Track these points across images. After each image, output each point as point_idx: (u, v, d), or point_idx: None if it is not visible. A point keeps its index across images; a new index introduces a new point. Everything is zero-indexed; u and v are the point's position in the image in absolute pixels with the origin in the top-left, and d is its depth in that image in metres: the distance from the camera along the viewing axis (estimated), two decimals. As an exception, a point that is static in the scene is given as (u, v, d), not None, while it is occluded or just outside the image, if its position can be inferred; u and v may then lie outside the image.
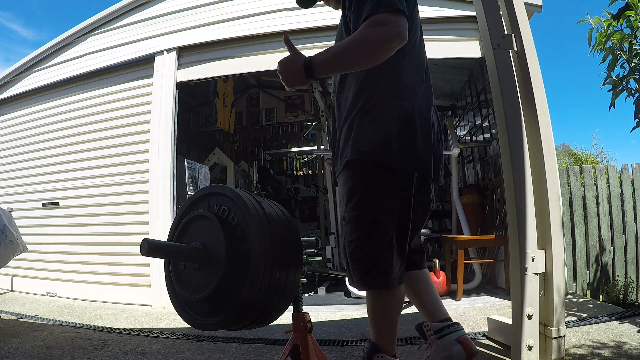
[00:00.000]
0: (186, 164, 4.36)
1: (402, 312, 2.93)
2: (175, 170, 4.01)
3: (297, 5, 1.77)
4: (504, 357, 2.00)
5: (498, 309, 3.04)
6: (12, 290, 4.80)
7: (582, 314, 2.65)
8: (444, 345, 1.51)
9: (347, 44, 1.26)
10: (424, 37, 1.58)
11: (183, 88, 4.23)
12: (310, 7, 1.74)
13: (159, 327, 3.01)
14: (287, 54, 1.39)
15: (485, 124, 4.86)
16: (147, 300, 3.82)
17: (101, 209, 4.29)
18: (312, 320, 1.65)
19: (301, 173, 8.34)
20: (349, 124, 1.45)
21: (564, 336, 1.83)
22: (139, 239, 1.34)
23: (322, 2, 1.71)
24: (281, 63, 1.33)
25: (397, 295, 1.47)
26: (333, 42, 1.76)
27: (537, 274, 1.80)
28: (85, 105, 4.57)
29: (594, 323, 2.44)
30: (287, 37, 1.39)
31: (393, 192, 1.41)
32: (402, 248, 1.48)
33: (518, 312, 1.77)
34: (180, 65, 4.17)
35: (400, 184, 1.41)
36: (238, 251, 1.34)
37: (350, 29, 1.37)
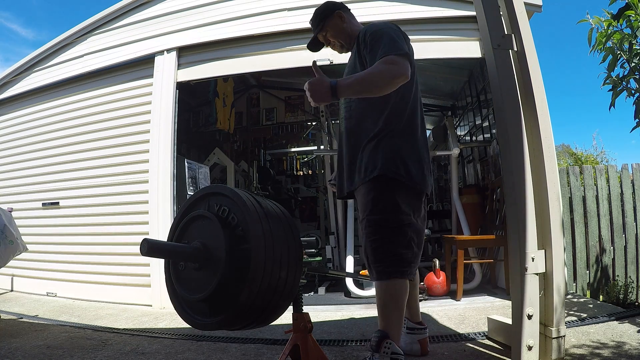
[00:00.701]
0: (186, 164, 4.35)
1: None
2: (175, 170, 4.01)
3: (297, 5, 1.92)
4: (504, 357, 2.00)
5: (498, 309, 3.04)
6: (12, 290, 4.80)
7: (582, 314, 2.65)
8: (409, 340, 2.05)
9: (366, 74, 1.58)
10: (425, 37, 1.76)
11: (183, 88, 4.23)
12: (317, 51, 2.09)
13: (159, 327, 3.01)
14: (288, 54, 1.54)
15: (485, 124, 4.86)
16: (147, 300, 3.81)
17: (101, 209, 4.28)
18: (312, 320, 1.65)
19: (301, 173, 8.34)
20: (374, 144, 1.75)
21: (564, 336, 1.83)
22: (139, 239, 1.34)
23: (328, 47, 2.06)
24: (310, 83, 1.59)
25: (407, 287, 1.76)
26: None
27: (537, 274, 1.80)
28: (85, 105, 4.57)
29: (594, 323, 2.44)
30: (315, 63, 1.69)
31: (409, 203, 1.75)
32: (420, 250, 1.81)
33: (518, 312, 1.77)
34: (180, 65, 4.16)
35: (416, 198, 1.78)
36: (238, 251, 1.34)
37: (366, 64, 1.72)
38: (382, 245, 1.70)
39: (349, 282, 3.75)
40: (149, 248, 1.30)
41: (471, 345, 2.24)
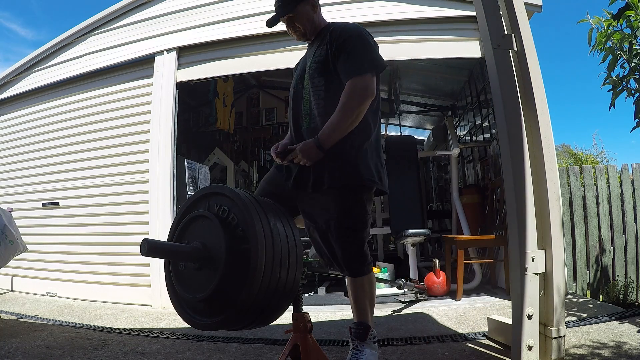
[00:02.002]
0: (186, 164, 4.35)
1: (402, 312, 2.98)
2: (175, 170, 4.01)
3: None
4: (504, 357, 2.00)
5: (498, 309, 3.04)
6: (12, 290, 4.80)
7: (582, 314, 2.65)
8: None
9: (340, 119, 1.63)
10: (425, 37, 1.70)
11: (183, 88, 4.23)
12: (272, 27, 2.00)
13: (159, 327, 3.01)
14: (288, 54, 1.53)
15: (485, 124, 4.86)
16: (147, 300, 3.81)
17: (101, 209, 4.28)
18: (312, 320, 1.65)
19: (301, 173, 8.32)
20: (345, 149, 1.71)
21: (564, 336, 1.83)
22: (139, 239, 1.34)
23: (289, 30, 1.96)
24: (301, 152, 1.66)
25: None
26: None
27: (537, 274, 1.80)
28: (85, 105, 4.57)
29: (594, 323, 2.44)
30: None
31: (369, 203, 1.82)
32: None
33: (518, 312, 1.77)
34: (180, 65, 4.16)
35: (371, 197, 1.82)
36: (238, 251, 1.34)
37: (334, 67, 1.73)
38: (355, 246, 1.76)
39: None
40: (149, 248, 1.30)
41: (471, 345, 2.24)
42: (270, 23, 1.96)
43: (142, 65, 4.29)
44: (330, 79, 1.74)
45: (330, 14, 3.73)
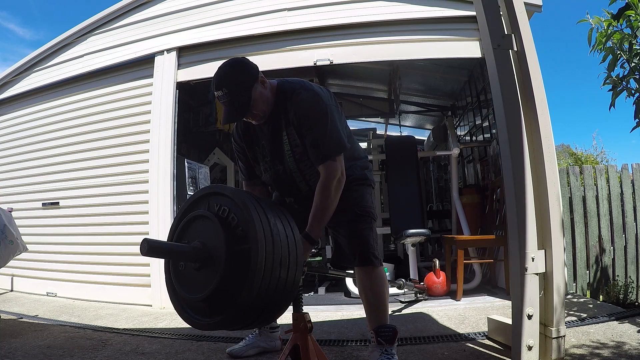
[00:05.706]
0: (186, 164, 4.35)
1: (402, 312, 2.97)
2: (175, 170, 4.01)
3: (297, 6, 1.90)
4: (504, 357, 2.00)
5: (498, 309, 3.04)
6: (12, 290, 4.80)
7: (582, 314, 2.65)
8: (270, 338, 2.32)
9: (323, 210, 1.67)
10: (425, 37, 1.69)
11: (183, 88, 4.23)
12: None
13: (159, 327, 3.00)
14: (288, 54, 1.53)
15: (485, 124, 4.86)
16: (147, 300, 3.81)
17: (101, 209, 4.28)
18: (312, 320, 1.65)
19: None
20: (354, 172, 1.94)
21: (564, 336, 1.83)
22: (139, 239, 1.34)
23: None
24: None
25: None
26: (331, 42, 1.89)
27: (537, 274, 1.80)
28: (85, 105, 4.56)
29: (594, 323, 2.45)
30: None
31: None
32: None
33: (518, 312, 1.77)
34: (180, 65, 4.16)
35: None
36: (238, 251, 1.34)
37: (304, 143, 1.75)
38: (374, 232, 1.93)
39: (349, 282, 3.75)
40: (149, 248, 1.30)
41: (471, 345, 2.24)
42: (227, 122, 1.75)
43: (142, 65, 4.28)
44: None
45: (331, 14, 3.77)
